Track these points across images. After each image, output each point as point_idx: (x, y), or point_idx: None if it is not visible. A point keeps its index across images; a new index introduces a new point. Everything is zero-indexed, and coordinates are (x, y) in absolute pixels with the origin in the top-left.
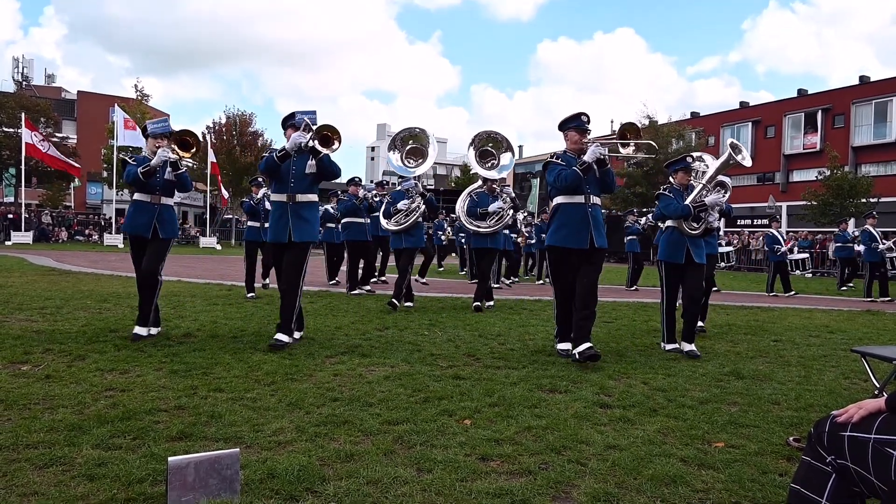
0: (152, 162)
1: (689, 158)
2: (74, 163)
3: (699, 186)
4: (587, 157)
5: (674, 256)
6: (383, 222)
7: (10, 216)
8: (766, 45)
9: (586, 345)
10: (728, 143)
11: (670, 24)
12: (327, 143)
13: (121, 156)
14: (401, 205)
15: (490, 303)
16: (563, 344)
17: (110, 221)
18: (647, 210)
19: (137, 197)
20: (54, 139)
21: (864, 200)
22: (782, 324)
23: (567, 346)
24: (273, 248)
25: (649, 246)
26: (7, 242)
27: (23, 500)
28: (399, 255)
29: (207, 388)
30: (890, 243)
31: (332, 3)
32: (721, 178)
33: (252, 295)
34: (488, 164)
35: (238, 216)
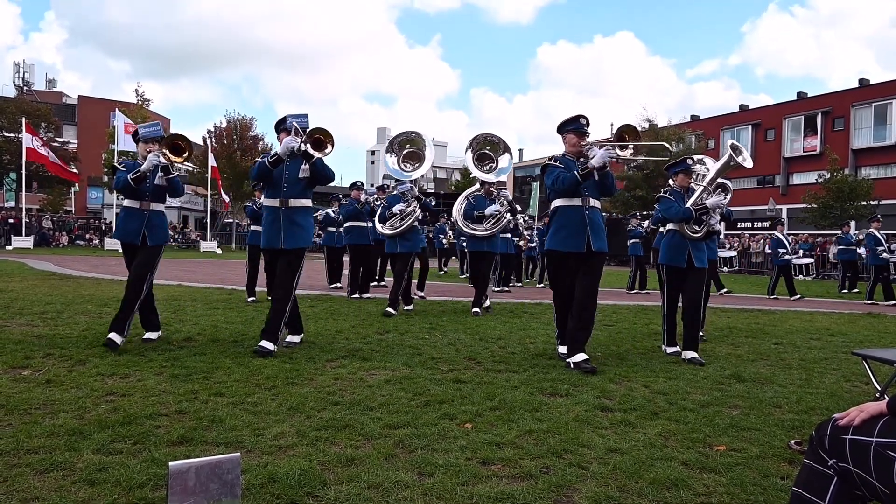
0: (143, 167)
1: (690, 160)
2: (74, 169)
3: (700, 189)
4: (595, 162)
5: (675, 260)
6: (378, 226)
7: (11, 221)
8: (765, 47)
9: (581, 356)
10: (728, 144)
11: (670, 27)
12: (320, 146)
13: (113, 163)
14: (396, 208)
15: (487, 303)
16: (564, 347)
17: (111, 226)
18: (648, 213)
19: (127, 203)
20: (55, 144)
21: (865, 203)
22: (783, 327)
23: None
24: (267, 254)
25: (650, 249)
26: (8, 247)
27: None
28: (394, 260)
29: (208, 392)
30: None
31: (332, 6)
32: (722, 180)
33: (253, 299)
34: (486, 167)
35: (238, 220)
